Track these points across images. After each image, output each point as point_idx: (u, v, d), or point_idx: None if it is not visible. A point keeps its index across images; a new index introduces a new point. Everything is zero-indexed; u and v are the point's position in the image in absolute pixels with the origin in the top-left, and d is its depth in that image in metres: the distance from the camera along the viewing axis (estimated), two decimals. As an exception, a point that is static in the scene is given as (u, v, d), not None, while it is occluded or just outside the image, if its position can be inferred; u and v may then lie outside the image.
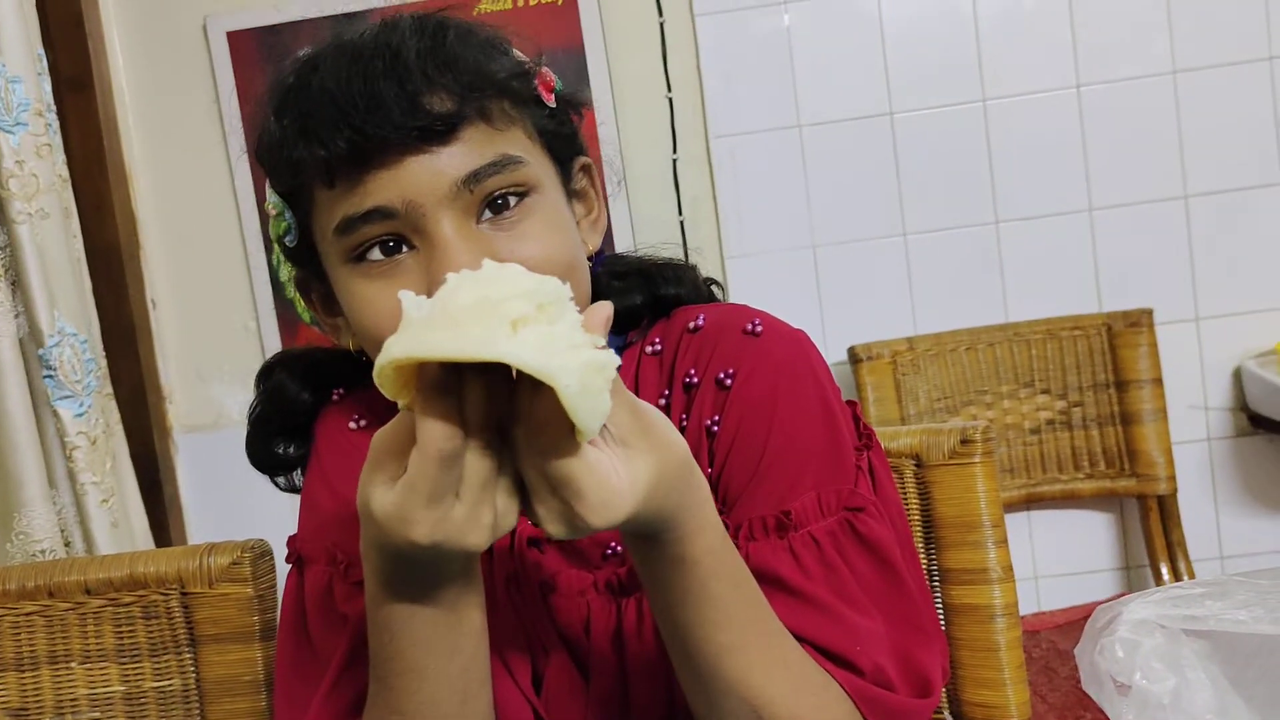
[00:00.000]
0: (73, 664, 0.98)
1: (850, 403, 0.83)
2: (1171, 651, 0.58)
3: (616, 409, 0.58)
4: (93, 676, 0.98)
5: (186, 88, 2.16)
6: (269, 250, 2.16)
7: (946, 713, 1.08)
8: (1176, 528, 2.02)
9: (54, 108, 1.74)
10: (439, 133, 0.68)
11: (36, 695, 0.98)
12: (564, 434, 0.56)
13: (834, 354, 2.06)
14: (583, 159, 0.80)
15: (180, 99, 2.16)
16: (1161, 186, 2.07)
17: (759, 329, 0.78)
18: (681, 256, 0.90)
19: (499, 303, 0.54)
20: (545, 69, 0.76)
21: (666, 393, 0.80)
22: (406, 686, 0.65)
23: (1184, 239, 2.08)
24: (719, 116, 2.11)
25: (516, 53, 0.76)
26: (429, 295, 0.60)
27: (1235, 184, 2.06)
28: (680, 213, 2.13)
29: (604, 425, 0.57)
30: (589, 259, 0.79)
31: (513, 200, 0.71)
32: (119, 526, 1.68)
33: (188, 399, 2.23)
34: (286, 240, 0.76)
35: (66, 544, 1.63)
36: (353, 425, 0.83)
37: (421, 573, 0.62)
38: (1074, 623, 1.97)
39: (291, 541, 0.83)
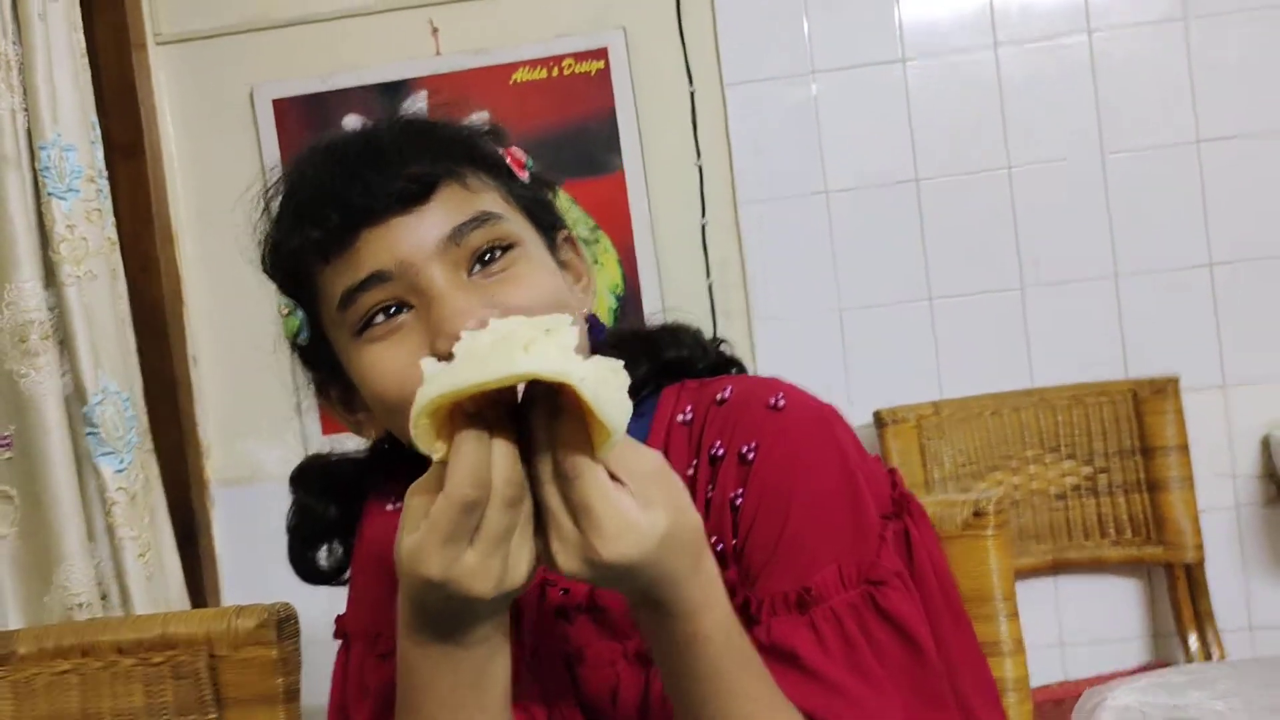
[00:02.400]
0: (104, 722, 1.01)
1: (891, 470, 0.84)
2: (1150, 740, 0.60)
3: (641, 461, 0.62)
4: (123, 734, 1.02)
5: (233, 153, 2.24)
6: (307, 309, 2.22)
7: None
8: (1204, 597, 2.00)
9: (105, 173, 1.81)
10: (416, 194, 0.74)
11: (69, 752, 1.02)
12: (585, 453, 0.60)
13: (859, 417, 2.08)
14: (565, 231, 0.85)
15: (227, 164, 2.24)
16: (1187, 254, 2.08)
17: (782, 403, 0.80)
18: (694, 321, 0.94)
19: (511, 337, 0.60)
20: (514, 147, 0.82)
21: (694, 463, 0.82)
22: None
23: (1209, 306, 2.08)
24: (747, 183, 2.15)
25: (487, 137, 0.82)
26: (432, 350, 0.69)
27: (1260, 252, 2.06)
28: (709, 276, 2.17)
29: (627, 479, 0.61)
30: (586, 321, 0.82)
31: (498, 253, 0.75)
32: (154, 580, 1.73)
33: (225, 453, 2.28)
34: (300, 339, 0.81)
35: (103, 597, 1.68)
36: (390, 508, 0.87)
37: (440, 619, 0.65)
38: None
39: (339, 621, 0.88)
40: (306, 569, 0.90)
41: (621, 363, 0.60)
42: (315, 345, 0.81)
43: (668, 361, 0.86)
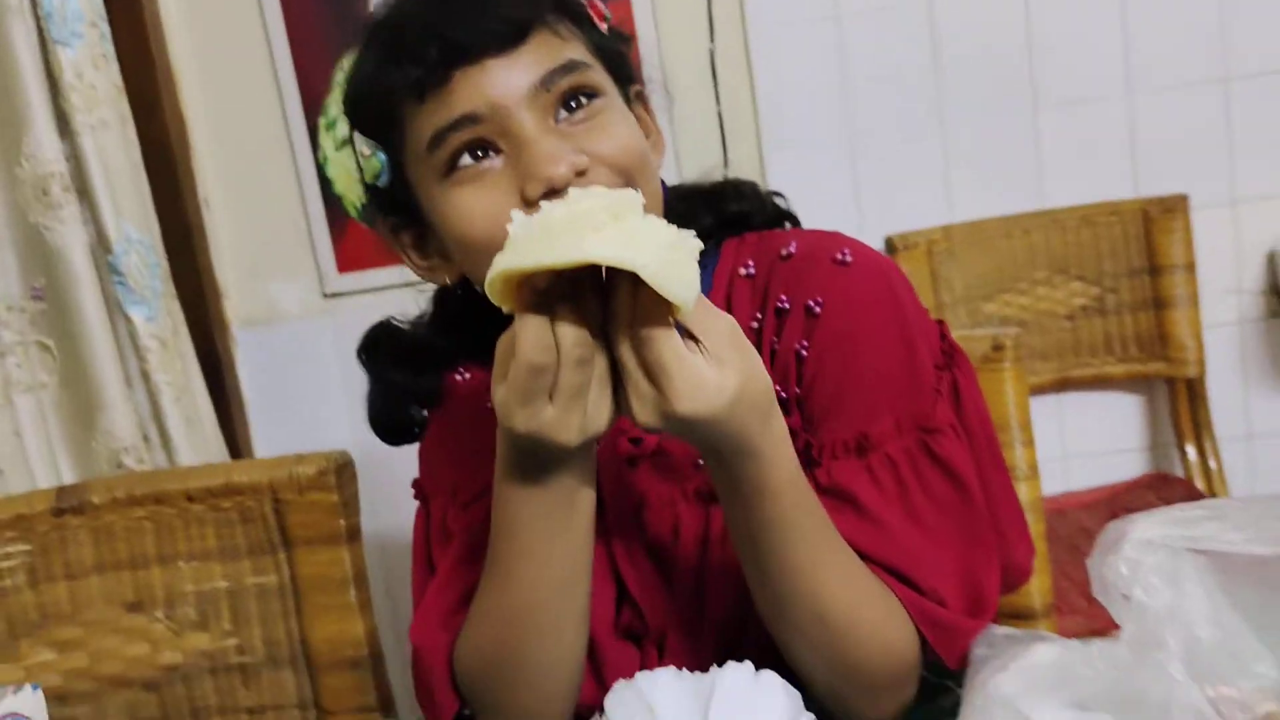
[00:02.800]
0: (180, 562, 1.08)
1: (939, 321, 0.88)
2: (1172, 568, 0.65)
3: (717, 323, 0.66)
4: (198, 574, 1.09)
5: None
6: (315, 148, 2.21)
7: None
8: (1204, 409, 2.07)
9: (105, 17, 1.77)
10: (511, 37, 0.75)
11: (150, 590, 1.09)
12: (661, 321, 0.64)
13: (870, 243, 2.07)
14: (637, 87, 0.86)
15: (222, -3, 2.19)
16: (1201, 69, 2.06)
17: (848, 259, 0.83)
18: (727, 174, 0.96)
19: (583, 216, 0.62)
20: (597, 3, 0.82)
21: (759, 316, 0.85)
22: (514, 567, 0.75)
23: (1222, 122, 2.07)
24: (757, 6, 2.10)
25: None
26: (521, 194, 0.73)
27: (1275, 66, 2.04)
28: (718, 103, 2.15)
29: (702, 338, 0.65)
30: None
31: (584, 100, 0.77)
32: (191, 422, 1.79)
33: (243, 295, 2.31)
34: (380, 180, 0.82)
35: (145, 439, 1.74)
36: (460, 377, 0.92)
37: (532, 460, 0.71)
38: (1100, 502, 2.05)
39: (416, 484, 0.93)
40: (387, 432, 0.94)
41: (692, 232, 0.63)
42: (393, 189, 0.82)
43: (729, 215, 0.88)
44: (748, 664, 0.75)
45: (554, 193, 0.74)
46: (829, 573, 0.73)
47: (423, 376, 0.93)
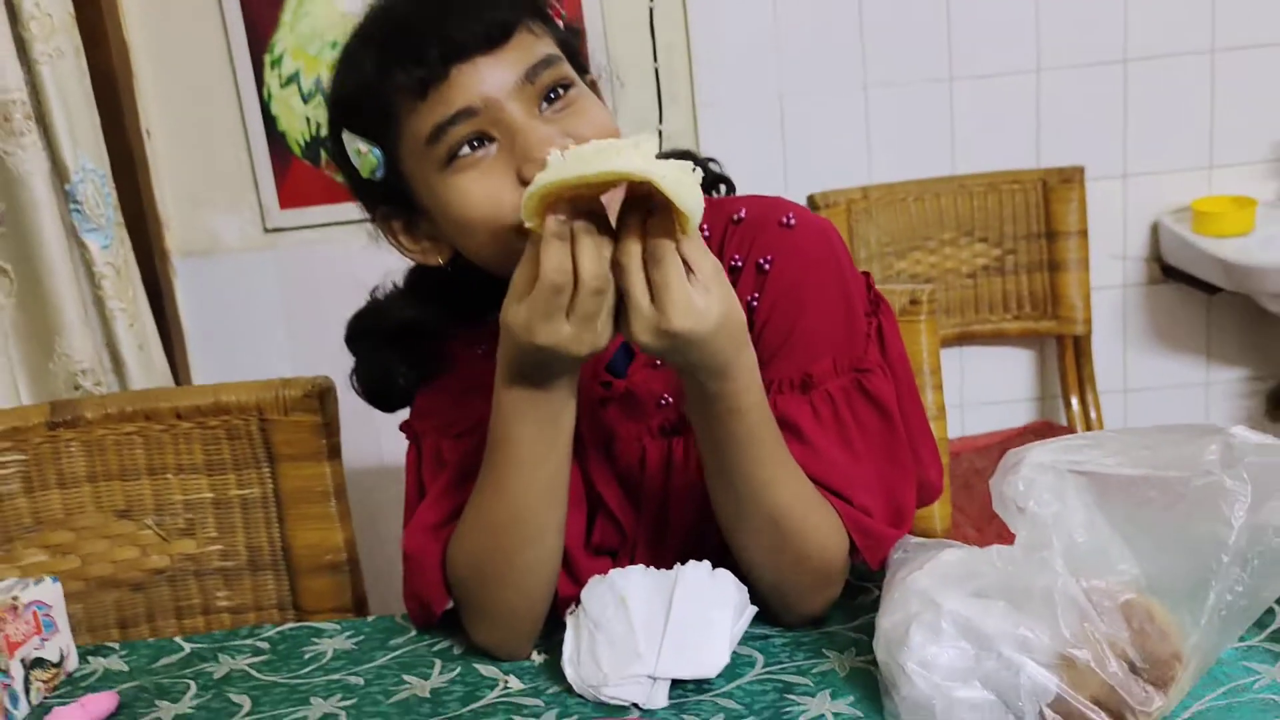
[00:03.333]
0: (169, 475, 1.17)
1: (865, 273, 1.01)
2: (1058, 486, 0.80)
3: (706, 258, 0.78)
4: (186, 485, 1.18)
5: (174, -84, 2.19)
6: (259, 85, 2.25)
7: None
8: (1089, 364, 2.27)
9: (59, -54, 1.79)
10: (497, 37, 0.85)
11: (139, 500, 1.18)
12: (669, 239, 0.75)
13: (794, 199, 2.22)
14: (590, 76, 0.96)
15: (167, -72, 2.20)
16: (1103, 49, 2.23)
17: (793, 222, 0.96)
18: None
19: (609, 146, 0.75)
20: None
21: None
22: (507, 476, 0.87)
23: (1120, 100, 2.25)
24: (693, -25, 2.20)
25: None
26: (519, 175, 0.84)
27: (1171, 49, 2.22)
28: (655, 60, 2.25)
29: (691, 271, 0.77)
30: None
31: (561, 91, 0.88)
32: (144, 349, 1.85)
33: (184, 227, 2.35)
34: (375, 175, 0.91)
35: (99, 363, 1.79)
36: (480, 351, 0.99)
37: (539, 373, 0.83)
38: (993, 445, 2.24)
39: (406, 426, 1.02)
40: (381, 402, 1.03)
41: (692, 164, 0.75)
42: (387, 182, 0.91)
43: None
44: (705, 562, 0.88)
45: None
46: (783, 483, 0.87)
47: (413, 351, 1.01)
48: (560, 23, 0.92)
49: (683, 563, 0.89)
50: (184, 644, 1.00)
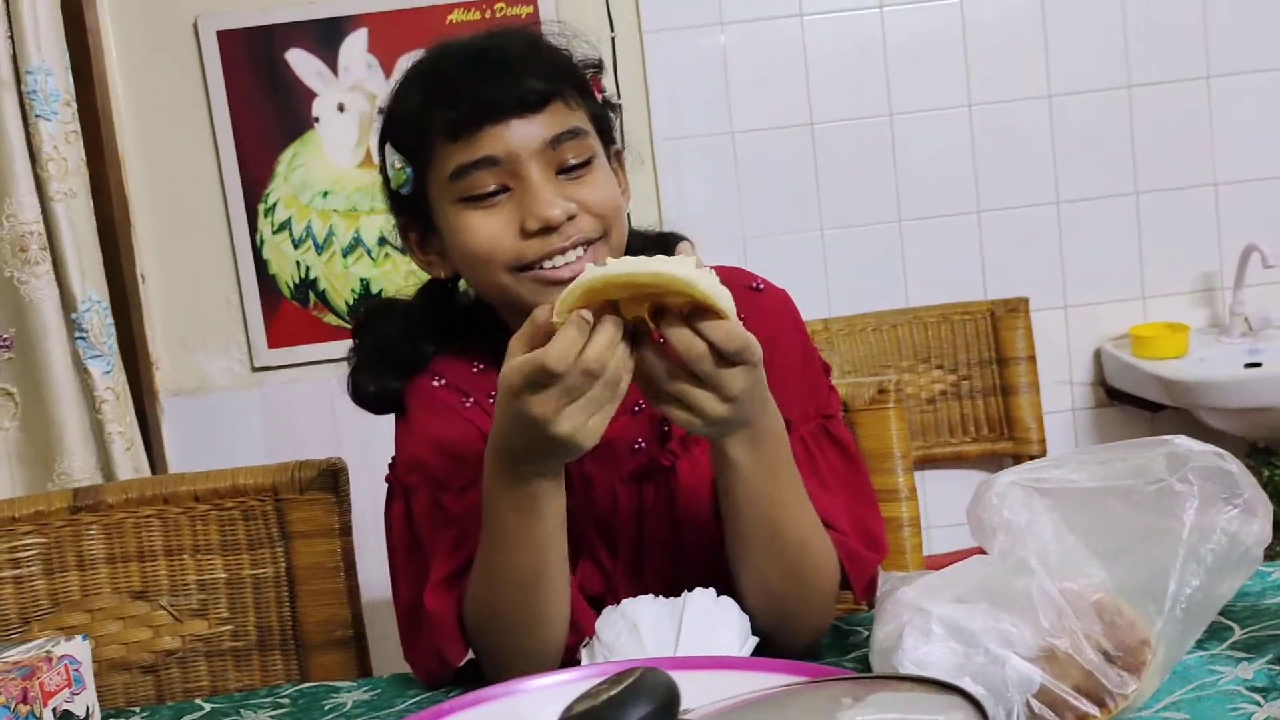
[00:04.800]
0: (184, 555, 1.22)
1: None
2: (1027, 501, 0.89)
3: (734, 337, 0.83)
4: (201, 565, 1.22)
5: (177, 80, 2.36)
6: (253, 231, 2.37)
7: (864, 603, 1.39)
8: (1045, 483, 2.37)
9: (75, 98, 1.94)
10: (534, 104, 0.96)
11: (155, 581, 1.22)
12: (704, 343, 0.81)
13: (760, 332, 2.36)
14: (616, 147, 1.08)
15: (170, 90, 2.36)
16: (1038, 193, 2.43)
17: (760, 287, 1.08)
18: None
19: (651, 258, 0.80)
20: (599, 76, 1.05)
21: None
22: (517, 527, 0.91)
23: (1055, 238, 2.44)
24: (662, 122, 2.39)
25: (585, 52, 1.04)
26: (521, 227, 0.95)
27: (1098, 192, 2.43)
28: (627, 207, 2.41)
29: (722, 356, 0.82)
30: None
31: (579, 162, 0.98)
32: (138, 473, 1.90)
33: (173, 366, 2.43)
34: (403, 189, 1.01)
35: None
36: (435, 384, 1.07)
37: (555, 454, 0.86)
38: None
39: (392, 478, 1.07)
40: (362, 395, 1.08)
41: (712, 269, 0.83)
42: (412, 196, 1.02)
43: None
44: (711, 589, 0.95)
45: (547, 230, 0.96)
46: (795, 506, 0.94)
47: (403, 351, 1.07)
48: (599, 96, 1.04)
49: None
50: (204, 704, 1.04)
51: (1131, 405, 2.39)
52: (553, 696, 0.72)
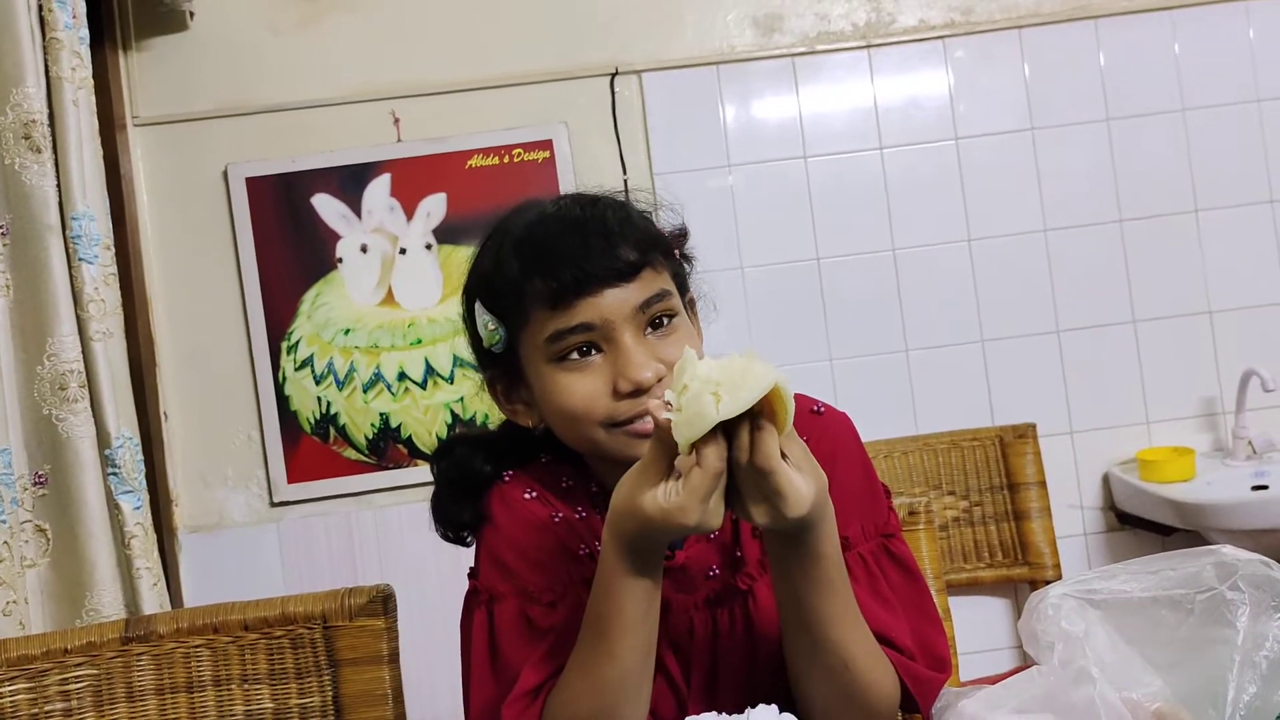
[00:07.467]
0: (233, 685, 1.22)
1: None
2: (1081, 612, 0.92)
3: (796, 444, 0.89)
4: (249, 695, 1.22)
5: (207, 223, 2.44)
6: (275, 369, 2.42)
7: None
8: (1063, 609, 2.38)
9: (113, 243, 2.00)
10: (627, 274, 1.01)
11: (204, 712, 1.22)
12: (774, 449, 0.86)
13: (774, 461, 2.40)
14: (691, 294, 1.14)
15: (199, 233, 2.44)
16: (1039, 322, 2.50)
17: (822, 410, 1.12)
18: None
19: (742, 365, 0.86)
20: (681, 237, 1.11)
21: None
22: (620, 636, 0.95)
23: (1058, 365, 2.50)
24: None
25: (668, 220, 1.11)
26: (614, 387, 0.99)
27: (1098, 321, 2.50)
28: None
29: (788, 455, 0.88)
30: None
31: (665, 320, 1.03)
32: (163, 608, 1.89)
33: (192, 502, 2.44)
34: (495, 347, 1.06)
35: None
36: (526, 496, 1.11)
37: (651, 557, 0.92)
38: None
39: (476, 585, 1.09)
40: (448, 523, 1.12)
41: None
42: (503, 354, 1.07)
43: None
44: (774, 706, 0.96)
45: (639, 391, 1.00)
46: (853, 626, 0.96)
47: (482, 472, 1.12)
48: (678, 253, 1.09)
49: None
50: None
51: (1142, 529, 2.41)
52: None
